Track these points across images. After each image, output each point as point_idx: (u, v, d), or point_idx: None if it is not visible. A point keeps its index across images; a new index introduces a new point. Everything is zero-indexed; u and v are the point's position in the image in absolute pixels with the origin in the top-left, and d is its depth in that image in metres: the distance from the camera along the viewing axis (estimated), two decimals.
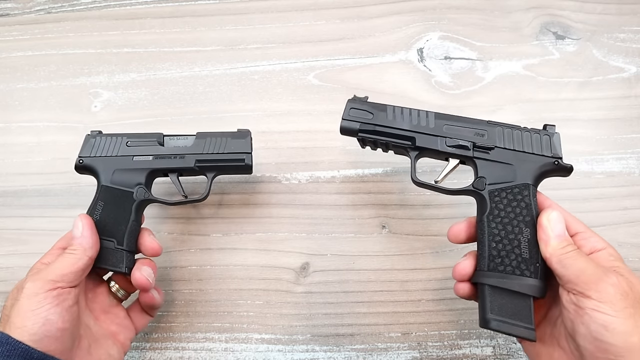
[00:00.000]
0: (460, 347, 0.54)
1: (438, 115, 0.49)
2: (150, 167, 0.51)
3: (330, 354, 0.54)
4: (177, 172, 0.52)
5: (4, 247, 0.59)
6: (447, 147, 0.48)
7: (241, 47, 0.67)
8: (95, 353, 0.46)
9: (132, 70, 0.66)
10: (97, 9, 0.70)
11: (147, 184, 0.51)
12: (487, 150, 0.47)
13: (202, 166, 0.52)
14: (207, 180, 0.53)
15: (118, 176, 0.51)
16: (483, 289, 0.44)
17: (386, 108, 0.50)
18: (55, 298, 0.41)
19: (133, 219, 0.49)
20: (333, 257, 0.58)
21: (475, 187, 0.47)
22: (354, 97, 0.52)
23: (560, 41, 0.66)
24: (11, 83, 0.66)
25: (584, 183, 0.60)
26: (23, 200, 0.61)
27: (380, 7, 0.68)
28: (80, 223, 0.46)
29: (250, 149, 0.53)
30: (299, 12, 0.68)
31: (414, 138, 0.49)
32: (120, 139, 0.52)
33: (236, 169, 0.54)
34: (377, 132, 0.50)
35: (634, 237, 0.58)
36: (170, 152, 0.51)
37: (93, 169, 0.51)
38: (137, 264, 0.49)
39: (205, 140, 0.52)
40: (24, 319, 0.40)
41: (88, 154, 0.51)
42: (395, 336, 0.55)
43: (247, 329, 0.56)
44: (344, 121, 0.50)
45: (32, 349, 0.39)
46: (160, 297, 0.51)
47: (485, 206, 0.45)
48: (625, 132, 0.62)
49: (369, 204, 0.59)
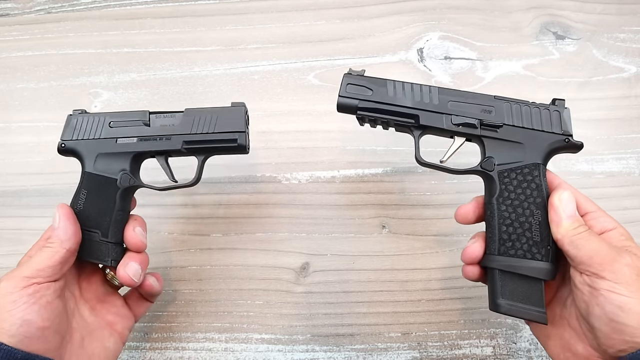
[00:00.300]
0: (460, 347, 0.54)
1: (442, 91, 0.46)
2: (134, 150, 0.46)
3: (330, 354, 0.54)
4: (165, 154, 0.48)
5: (4, 247, 0.59)
6: (453, 125, 0.45)
7: (241, 47, 0.67)
8: (89, 347, 0.44)
9: (132, 70, 0.66)
10: (97, 9, 0.70)
11: (132, 170, 0.47)
12: (495, 129, 0.45)
13: (190, 148, 0.47)
14: (198, 163, 0.48)
15: (101, 161, 0.47)
16: (493, 273, 0.43)
17: (386, 83, 0.46)
18: (30, 296, 0.39)
19: (118, 209, 0.46)
20: (333, 257, 0.58)
21: (483, 168, 0.44)
22: (350, 71, 0.48)
23: (560, 41, 0.66)
24: (11, 83, 0.66)
25: (584, 183, 0.60)
26: (23, 200, 0.61)
27: (380, 7, 0.68)
28: (57, 213, 0.44)
29: (244, 127, 0.47)
30: (299, 12, 0.68)
31: (417, 116, 0.45)
32: (102, 119, 0.47)
33: (229, 150, 0.48)
34: (378, 110, 0.46)
35: (634, 237, 0.58)
36: (155, 133, 0.47)
37: (76, 152, 0.47)
38: (124, 259, 0.46)
39: (193, 118, 0.47)
40: (1, 320, 0.38)
41: (70, 137, 0.47)
42: (395, 336, 0.55)
43: (247, 329, 0.56)
44: (341, 98, 0.47)
45: (14, 349, 0.37)
46: (160, 283, 0.49)
47: (495, 188, 0.44)
48: (625, 132, 0.62)
49: (369, 204, 0.59)
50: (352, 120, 0.62)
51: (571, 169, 0.60)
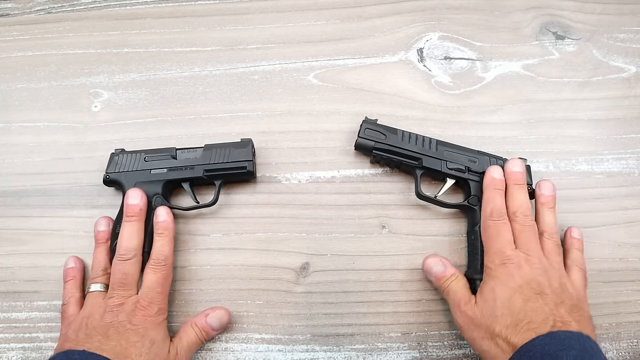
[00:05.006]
0: (460, 347, 0.54)
1: (440, 142, 0.58)
2: (165, 179, 0.56)
3: (330, 354, 0.55)
4: (189, 181, 0.57)
5: (4, 247, 0.59)
6: (447, 169, 0.56)
7: (241, 47, 0.67)
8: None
9: (132, 70, 0.66)
10: (97, 9, 0.70)
11: (164, 194, 0.56)
12: (479, 174, 0.56)
13: (209, 175, 0.57)
14: (215, 187, 0.57)
15: (139, 186, 0.56)
16: (475, 284, 0.52)
17: (397, 131, 0.58)
18: None
19: (152, 225, 0.55)
20: (333, 257, 0.58)
21: (469, 203, 0.56)
22: (366, 119, 0.59)
23: (560, 41, 0.66)
24: (11, 83, 0.66)
25: (584, 183, 0.60)
26: (23, 200, 0.61)
27: (380, 7, 0.68)
28: None
29: (251, 157, 0.57)
30: (299, 12, 0.68)
31: (420, 159, 0.56)
32: (139, 155, 0.58)
33: (240, 176, 0.58)
34: (390, 151, 0.57)
35: (634, 237, 0.58)
36: (181, 164, 0.57)
37: (118, 182, 0.57)
38: None
39: (211, 151, 0.57)
40: None
41: (113, 170, 0.57)
42: (395, 336, 0.55)
43: (247, 329, 0.56)
44: (360, 139, 0.58)
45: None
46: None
47: (477, 219, 0.55)
48: (625, 132, 0.62)
49: (369, 204, 0.60)
50: (351, 120, 0.62)
51: (571, 169, 0.61)
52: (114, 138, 0.63)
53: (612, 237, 0.58)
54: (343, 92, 0.64)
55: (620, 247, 0.57)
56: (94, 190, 0.60)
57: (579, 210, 0.59)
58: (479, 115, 0.63)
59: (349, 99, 0.64)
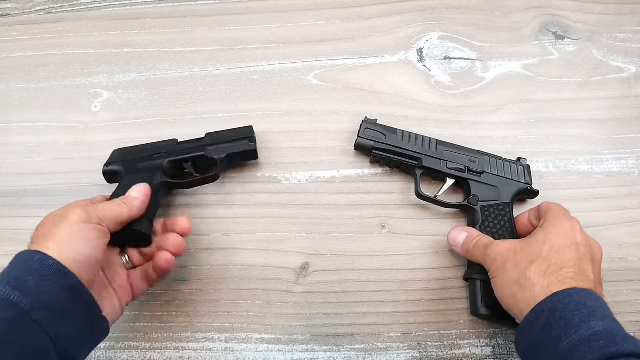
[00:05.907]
0: (460, 347, 0.54)
1: (440, 142, 0.58)
2: (167, 159, 0.56)
3: (330, 354, 0.55)
4: (191, 160, 0.57)
5: (4, 247, 0.59)
6: (447, 168, 0.57)
7: (241, 47, 0.67)
8: (104, 298, 0.47)
9: (132, 70, 0.66)
10: (97, 9, 0.70)
11: (165, 174, 0.56)
12: (479, 174, 0.56)
13: (212, 149, 0.57)
14: (217, 164, 0.57)
15: (141, 170, 0.56)
16: (475, 283, 0.52)
17: (396, 131, 0.58)
18: (96, 233, 0.44)
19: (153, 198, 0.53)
20: (333, 257, 0.58)
21: (469, 203, 0.56)
22: (366, 119, 0.59)
23: (559, 41, 0.66)
24: (11, 83, 0.66)
25: (584, 183, 0.60)
26: (23, 200, 0.61)
27: (380, 7, 0.68)
28: (142, 189, 0.51)
29: (253, 134, 0.58)
30: (299, 12, 0.68)
31: (420, 159, 0.57)
32: (140, 147, 0.58)
33: (243, 155, 0.58)
34: (389, 151, 0.57)
35: (634, 237, 0.58)
36: (183, 147, 0.58)
37: (117, 171, 0.56)
38: None
39: (213, 134, 0.59)
40: (68, 243, 0.42)
41: (113, 160, 0.57)
42: (395, 336, 0.55)
43: (247, 329, 0.56)
44: (360, 139, 0.58)
45: (65, 267, 0.41)
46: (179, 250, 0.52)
47: (477, 218, 0.55)
48: (624, 132, 0.62)
49: (369, 204, 0.60)
50: (351, 120, 0.62)
51: (571, 169, 0.61)
52: (114, 138, 0.63)
53: (612, 237, 0.58)
54: (343, 92, 0.64)
55: (620, 247, 0.57)
56: (94, 190, 0.60)
57: (579, 210, 0.58)
58: (479, 115, 0.63)
59: (349, 99, 0.64)
